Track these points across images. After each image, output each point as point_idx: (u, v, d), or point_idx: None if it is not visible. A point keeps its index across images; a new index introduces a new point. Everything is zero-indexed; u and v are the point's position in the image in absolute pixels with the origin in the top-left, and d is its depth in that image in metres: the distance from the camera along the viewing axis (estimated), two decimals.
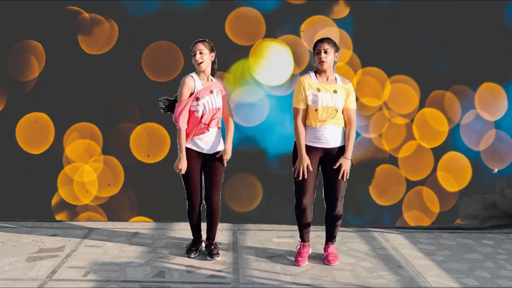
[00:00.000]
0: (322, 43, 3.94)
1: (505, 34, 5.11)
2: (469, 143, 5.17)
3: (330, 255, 4.16)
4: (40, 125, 5.02)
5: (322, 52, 3.91)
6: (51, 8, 4.95)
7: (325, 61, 3.91)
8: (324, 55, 3.91)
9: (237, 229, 4.97)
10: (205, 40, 4.07)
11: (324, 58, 3.91)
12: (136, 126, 5.04)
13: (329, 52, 3.92)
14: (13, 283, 3.65)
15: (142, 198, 5.09)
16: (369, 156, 5.10)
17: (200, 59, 3.98)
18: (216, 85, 4.09)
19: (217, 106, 4.02)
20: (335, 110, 3.94)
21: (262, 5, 5.00)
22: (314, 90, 3.94)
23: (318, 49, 3.93)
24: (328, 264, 4.11)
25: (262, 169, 5.07)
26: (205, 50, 4.00)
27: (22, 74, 4.99)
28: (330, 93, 3.94)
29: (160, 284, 3.69)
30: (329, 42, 3.95)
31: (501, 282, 3.88)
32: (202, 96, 3.98)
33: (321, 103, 3.91)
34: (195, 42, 4.05)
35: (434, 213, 5.17)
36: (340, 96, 3.96)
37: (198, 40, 4.07)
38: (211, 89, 4.02)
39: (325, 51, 3.91)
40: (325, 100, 3.92)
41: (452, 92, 5.13)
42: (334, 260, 4.13)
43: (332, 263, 4.11)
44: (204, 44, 4.03)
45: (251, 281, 3.78)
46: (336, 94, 3.95)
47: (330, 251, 4.19)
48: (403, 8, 5.05)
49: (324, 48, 3.92)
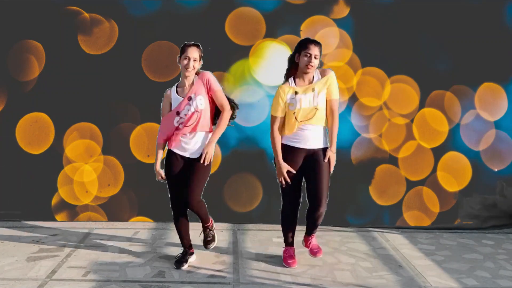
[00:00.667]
0: (314, 47, 3.81)
1: (505, 34, 5.11)
2: (469, 143, 5.17)
3: (314, 247, 4.11)
4: (40, 125, 5.02)
5: (313, 57, 3.79)
6: (51, 8, 4.95)
7: (313, 66, 3.82)
8: (314, 61, 3.80)
9: (237, 229, 4.97)
10: (198, 45, 3.89)
11: (313, 63, 3.80)
12: (136, 126, 5.04)
13: (317, 58, 3.82)
14: (13, 283, 3.65)
15: (142, 198, 5.08)
16: (369, 156, 5.10)
17: (191, 67, 3.82)
18: (196, 87, 3.87)
19: (196, 109, 3.83)
20: (314, 109, 3.85)
21: (262, 5, 5.00)
22: (292, 94, 3.87)
23: (309, 53, 3.80)
24: (314, 256, 4.08)
25: (262, 169, 5.06)
26: (198, 59, 3.84)
27: (22, 74, 4.99)
28: (309, 93, 3.85)
29: (160, 284, 3.69)
30: (319, 47, 3.84)
31: (501, 282, 3.88)
32: (180, 108, 3.85)
33: (299, 105, 3.84)
34: (190, 46, 3.85)
35: (434, 213, 5.16)
36: (317, 93, 3.86)
37: (194, 44, 3.87)
38: (190, 96, 3.84)
39: (315, 56, 3.80)
40: (303, 101, 3.85)
41: (452, 92, 5.13)
42: (319, 252, 4.09)
43: (318, 255, 4.07)
44: (199, 50, 3.86)
45: (251, 281, 3.78)
46: (314, 92, 3.86)
47: (313, 243, 4.14)
48: (403, 8, 5.05)
49: (315, 53, 3.80)
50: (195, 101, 3.83)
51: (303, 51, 3.83)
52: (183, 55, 3.83)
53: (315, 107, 3.86)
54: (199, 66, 3.89)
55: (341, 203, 5.00)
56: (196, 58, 3.82)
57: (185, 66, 3.80)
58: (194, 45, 3.86)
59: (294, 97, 3.87)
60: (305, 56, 3.81)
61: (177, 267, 3.98)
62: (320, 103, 3.88)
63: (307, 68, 3.82)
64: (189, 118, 3.84)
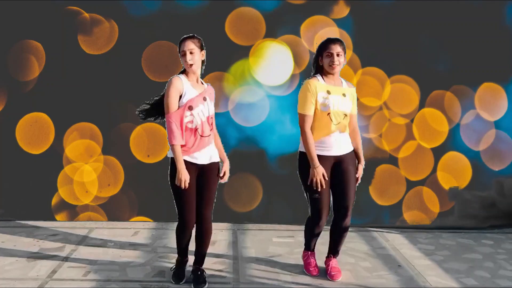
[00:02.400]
0: (335, 45, 3.62)
1: (505, 34, 5.12)
2: (469, 143, 5.18)
3: (333, 270, 3.87)
4: (40, 125, 5.02)
5: (335, 55, 3.61)
6: (51, 8, 4.95)
7: (338, 64, 3.63)
8: (337, 58, 3.61)
9: (237, 229, 4.97)
10: (194, 36, 3.57)
11: (337, 61, 3.61)
12: (136, 126, 5.04)
13: (341, 55, 3.63)
14: (13, 283, 3.66)
15: (142, 198, 5.09)
16: (369, 156, 5.10)
17: (191, 60, 3.48)
18: (209, 91, 3.64)
19: (210, 115, 3.57)
20: (344, 114, 3.69)
21: (262, 5, 5.00)
22: (325, 93, 3.64)
23: (330, 52, 3.61)
24: (331, 279, 3.82)
25: (262, 169, 5.07)
26: (195, 49, 3.51)
27: (22, 74, 4.99)
28: (340, 96, 3.68)
29: (160, 284, 3.69)
30: (341, 44, 3.65)
31: (501, 282, 3.88)
32: (195, 105, 3.48)
33: (333, 107, 3.63)
34: (183, 40, 3.54)
35: (434, 213, 5.17)
36: (348, 100, 3.72)
37: (187, 37, 3.55)
38: (204, 96, 3.55)
39: (337, 54, 3.61)
40: (336, 103, 3.65)
41: (452, 92, 5.13)
42: (338, 276, 3.84)
43: (336, 279, 3.82)
44: (193, 41, 3.53)
45: (251, 281, 3.78)
46: (345, 97, 3.70)
47: (333, 265, 3.89)
48: (403, 8, 5.05)
49: (337, 51, 3.61)
50: (210, 106, 3.59)
51: (325, 52, 3.66)
52: (180, 51, 3.55)
53: (345, 112, 3.69)
54: (201, 56, 3.57)
55: None
56: (192, 49, 3.49)
57: (185, 61, 3.51)
58: (188, 37, 3.56)
59: (327, 97, 3.64)
60: (327, 56, 3.64)
61: (175, 282, 3.72)
62: (348, 110, 3.72)
63: (332, 68, 3.63)
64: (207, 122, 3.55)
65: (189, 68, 3.52)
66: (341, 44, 3.67)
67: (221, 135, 3.92)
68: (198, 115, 3.50)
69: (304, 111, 3.65)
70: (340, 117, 3.67)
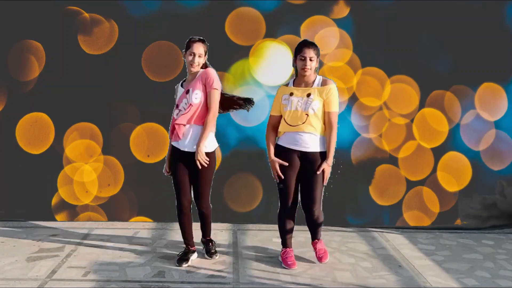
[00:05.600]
0: (308, 50, 3.82)
1: (505, 34, 5.12)
2: (469, 143, 5.17)
3: (320, 252, 4.10)
4: (40, 125, 5.02)
5: (307, 60, 3.80)
6: (51, 8, 4.95)
7: (310, 68, 3.82)
8: (309, 63, 3.80)
9: (237, 229, 4.97)
10: (204, 41, 3.93)
11: (309, 65, 3.81)
12: (136, 126, 5.04)
13: (313, 60, 3.82)
14: (13, 283, 3.65)
15: (142, 198, 5.09)
16: (369, 156, 5.10)
17: (196, 63, 3.86)
18: (196, 81, 3.88)
19: (190, 103, 3.85)
20: (305, 114, 3.82)
21: (262, 5, 5.00)
22: (287, 95, 3.90)
23: (303, 56, 3.82)
24: (320, 261, 4.07)
25: (262, 169, 5.05)
26: (203, 54, 3.88)
27: (22, 74, 4.99)
28: (303, 97, 3.84)
29: (160, 284, 3.69)
30: (314, 49, 3.84)
31: (501, 282, 3.88)
32: (180, 102, 3.92)
33: (290, 107, 3.86)
34: (195, 41, 3.88)
35: (434, 213, 5.17)
36: (313, 99, 3.82)
37: (200, 39, 3.91)
38: (188, 89, 3.88)
39: (310, 59, 3.80)
40: (295, 104, 3.85)
41: (452, 92, 5.13)
42: (325, 257, 4.09)
43: (323, 260, 4.07)
44: (204, 46, 3.89)
45: (251, 281, 3.78)
46: (309, 97, 3.83)
47: (319, 247, 4.12)
48: (403, 8, 5.05)
49: (310, 55, 3.80)
50: (192, 95, 3.84)
51: (298, 54, 3.87)
52: (188, 50, 3.87)
53: (306, 112, 3.83)
54: (204, 61, 3.93)
55: (341, 203, 5.01)
56: (201, 54, 3.85)
57: (190, 62, 3.85)
58: (199, 40, 3.89)
59: (288, 98, 3.89)
60: (300, 60, 3.85)
61: (178, 264, 3.99)
62: (312, 110, 3.83)
63: (304, 71, 3.84)
64: (186, 111, 3.85)
65: (191, 67, 3.86)
66: (315, 49, 3.84)
67: (221, 135, 3.94)
68: (183, 109, 3.88)
69: (271, 111, 4.05)
70: (299, 117, 3.83)
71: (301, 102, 3.85)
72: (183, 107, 3.88)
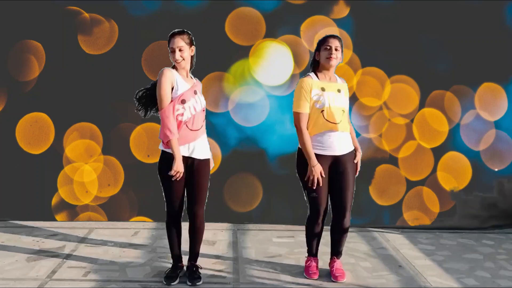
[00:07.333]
0: (334, 39, 3.65)
1: (505, 34, 5.12)
2: (469, 143, 5.18)
3: (337, 271, 3.82)
4: (40, 125, 5.02)
5: (333, 49, 3.61)
6: (51, 8, 4.95)
7: (335, 58, 3.63)
8: (334, 52, 3.62)
9: (237, 229, 4.97)
10: (183, 32, 3.54)
11: (335, 55, 3.61)
12: (136, 126, 5.04)
13: (339, 50, 3.65)
14: (13, 283, 3.65)
15: (142, 198, 5.09)
16: (369, 156, 5.10)
17: (180, 57, 3.49)
18: (198, 85, 3.68)
19: (202, 108, 3.61)
20: (342, 110, 3.65)
21: (262, 5, 5.01)
22: (318, 90, 3.63)
23: (329, 45, 3.63)
24: (335, 281, 3.77)
25: (262, 169, 5.07)
26: (185, 46, 3.50)
27: (22, 74, 4.99)
28: (335, 92, 3.66)
29: (160, 284, 3.69)
30: (340, 40, 3.68)
31: (501, 282, 3.88)
32: (187, 98, 3.51)
33: (328, 103, 3.61)
34: (172, 35, 3.52)
35: (434, 213, 5.17)
36: (344, 95, 3.71)
37: (175, 33, 3.52)
38: (195, 90, 3.59)
39: (335, 48, 3.63)
40: (331, 100, 3.63)
41: (452, 92, 5.13)
42: (342, 277, 3.79)
43: (340, 280, 3.77)
44: (182, 37, 3.50)
45: (251, 281, 3.78)
46: (340, 93, 3.69)
47: (337, 267, 3.86)
48: (403, 8, 5.05)
49: (335, 45, 3.63)
50: (201, 98, 3.62)
51: (323, 45, 3.67)
52: (169, 48, 3.55)
53: (342, 108, 3.66)
54: (190, 52, 3.57)
55: None
56: (181, 46, 3.49)
57: (174, 59, 3.52)
58: (178, 33, 3.52)
59: (322, 94, 3.63)
60: (325, 50, 3.65)
61: (166, 283, 3.64)
62: (346, 106, 3.70)
63: (329, 60, 3.63)
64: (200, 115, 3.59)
65: (178, 64, 3.54)
66: (340, 41, 3.70)
67: (221, 135, 3.91)
68: (189, 109, 3.53)
69: (299, 109, 3.64)
70: (339, 114, 3.64)
71: (335, 98, 3.65)
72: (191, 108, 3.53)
